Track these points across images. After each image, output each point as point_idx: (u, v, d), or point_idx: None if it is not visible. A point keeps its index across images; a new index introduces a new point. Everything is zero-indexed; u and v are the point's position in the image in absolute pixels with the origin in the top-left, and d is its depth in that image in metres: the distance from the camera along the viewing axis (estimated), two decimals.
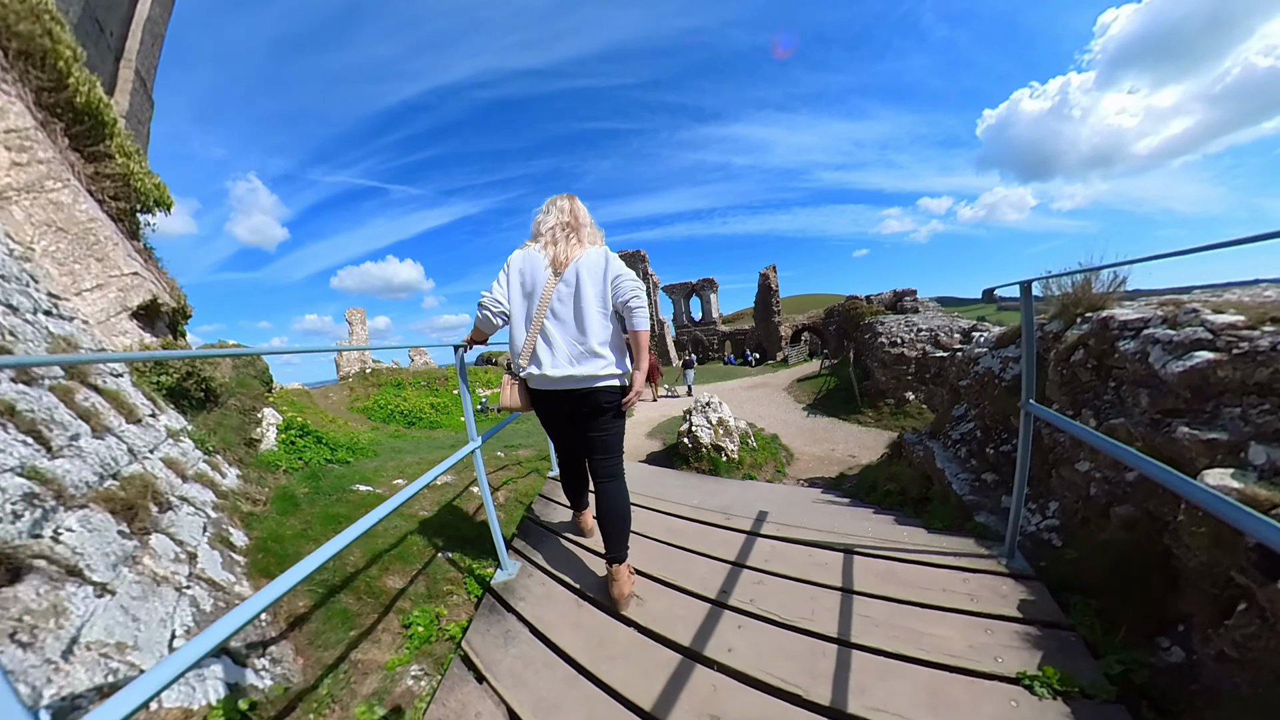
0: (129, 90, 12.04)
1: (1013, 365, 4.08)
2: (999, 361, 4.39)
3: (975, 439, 4.10)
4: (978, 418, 4.28)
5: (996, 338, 4.72)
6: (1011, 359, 4.12)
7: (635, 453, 9.30)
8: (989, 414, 4.08)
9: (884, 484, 5.79)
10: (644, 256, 36.38)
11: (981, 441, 3.99)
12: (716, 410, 7.18)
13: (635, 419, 12.89)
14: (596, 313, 1.95)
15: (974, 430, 4.24)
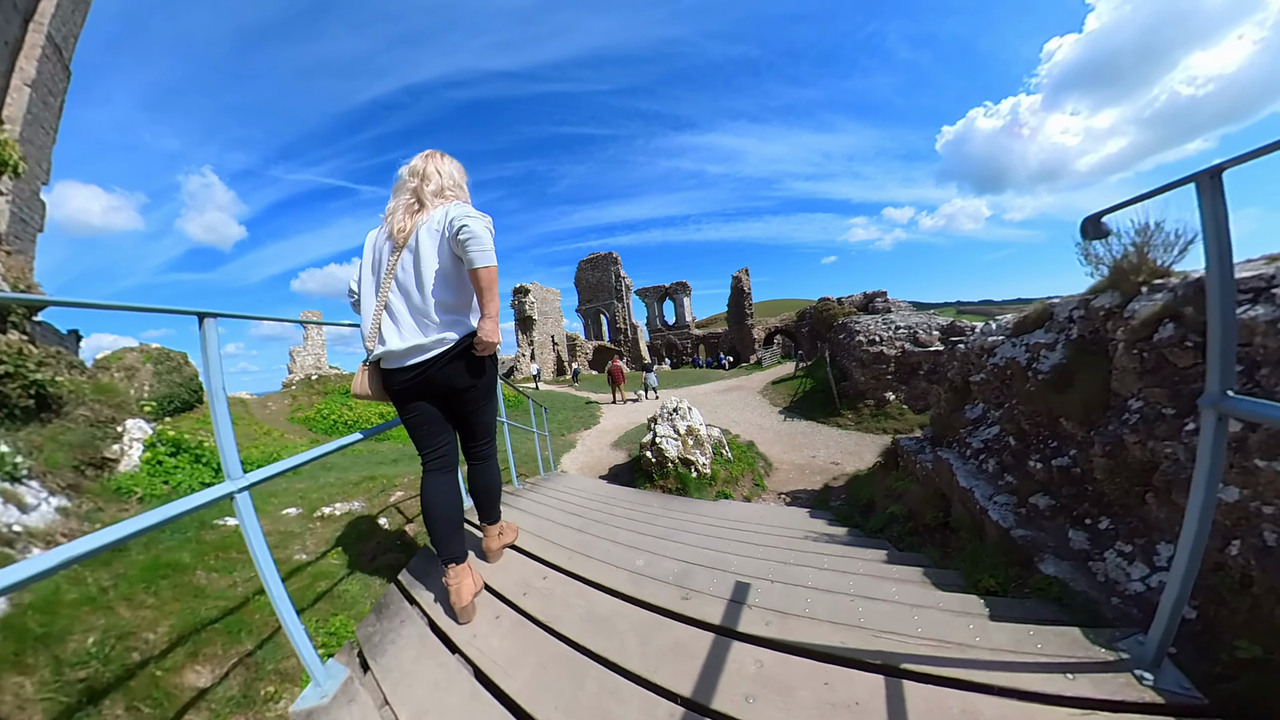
0: (37, 57, 10.44)
1: (1047, 354, 3.28)
2: (1024, 350, 3.60)
3: (1008, 448, 3.27)
4: (1006, 421, 3.46)
5: (1017, 322, 3.94)
6: (1045, 345, 3.33)
7: (597, 466, 8.26)
8: (1023, 416, 3.26)
9: (884, 503, 4.94)
10: (616, 259, 35.51)
11: (1018, 452, 3.15)
12: (685, 417, 6.22)
13: (601, 427, 11.84)
14: (439, 273, 1.74)
15: (1002, 437, 3.42)
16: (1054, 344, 3.38)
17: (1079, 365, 3.04)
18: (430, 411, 1.89)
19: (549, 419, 13.60)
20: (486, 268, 1.62)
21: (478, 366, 1.82)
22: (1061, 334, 3.40)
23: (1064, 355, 3.20)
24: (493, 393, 1.99)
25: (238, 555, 2.73)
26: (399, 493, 4.76)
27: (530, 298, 30.82)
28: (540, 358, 31.24)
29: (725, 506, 4.90)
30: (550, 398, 18.13)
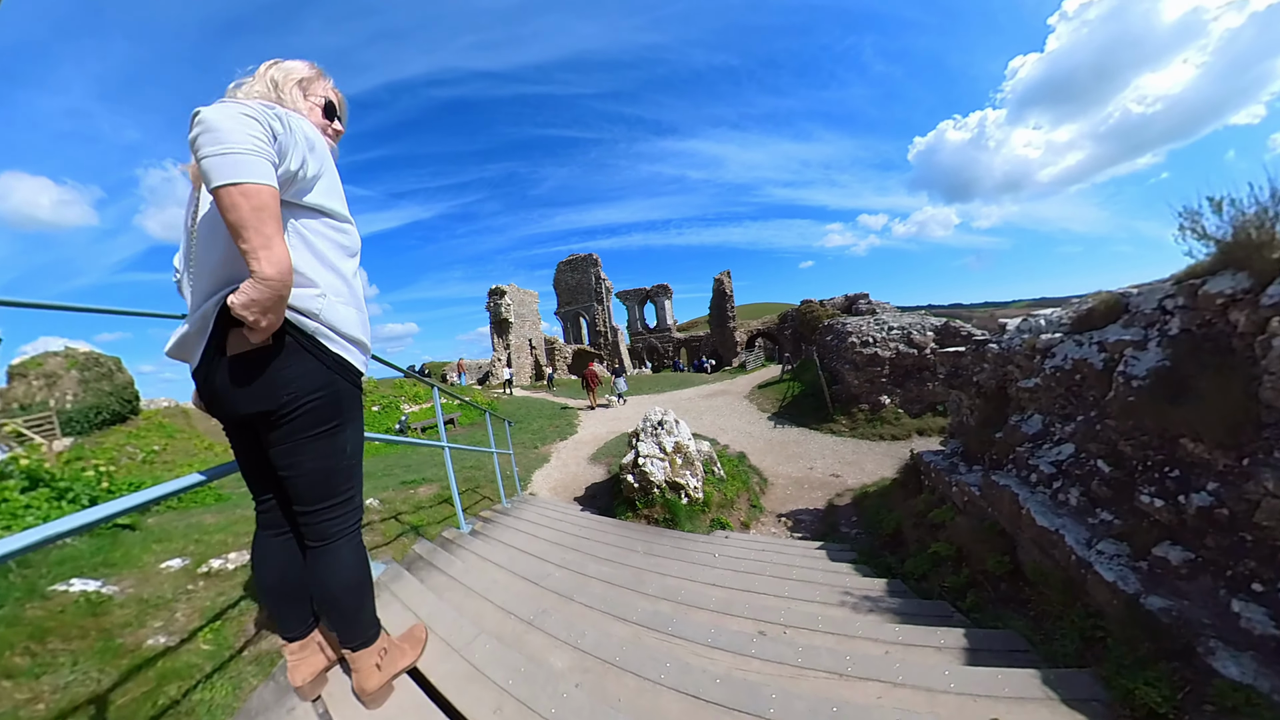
0: None
1: (1135, 355, 2.57)
2: (1096, 350, 2.89)
3: (1097, 475, 2.52)
4: (1086, 439, 2.73)
5: (1078, 317, 3.24)
6: (1130, 344, 2.61)
7: (572, 485, 7.34)
8: (1116, 433, 2.53)
9: (917, 535, 4.16)
10: (596, 260, 34.60)
11: (1118, 482, 2.41)
12: (672, 432, 5.37)
13: (579, 437, 10.90)
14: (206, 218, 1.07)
15: (1086, 460, 2.68)
16: (1143, 342, 2.67)
17: (1195, 369, 2.32)
18: (241, 443, 1.32)
19: (521, 430, 12.61)
20: (226, 186, 0.86)
21: (275, 378, 1.06)
22: (1152, 329, 2.69)
23: (1165, 356, 2.49)
24: (328, 425, 1.18)
25: (65, 646, 1.81)
26: None
27: (507, 299, 29.62)
28: (517, 362, 30.02)
29: (724, 544, 4.07)
30: (524, 405, 17.07)
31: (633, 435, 5.71)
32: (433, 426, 14.79)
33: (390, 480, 8.36)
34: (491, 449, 4.69)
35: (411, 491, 6.79)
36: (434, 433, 14.82)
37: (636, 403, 15.34)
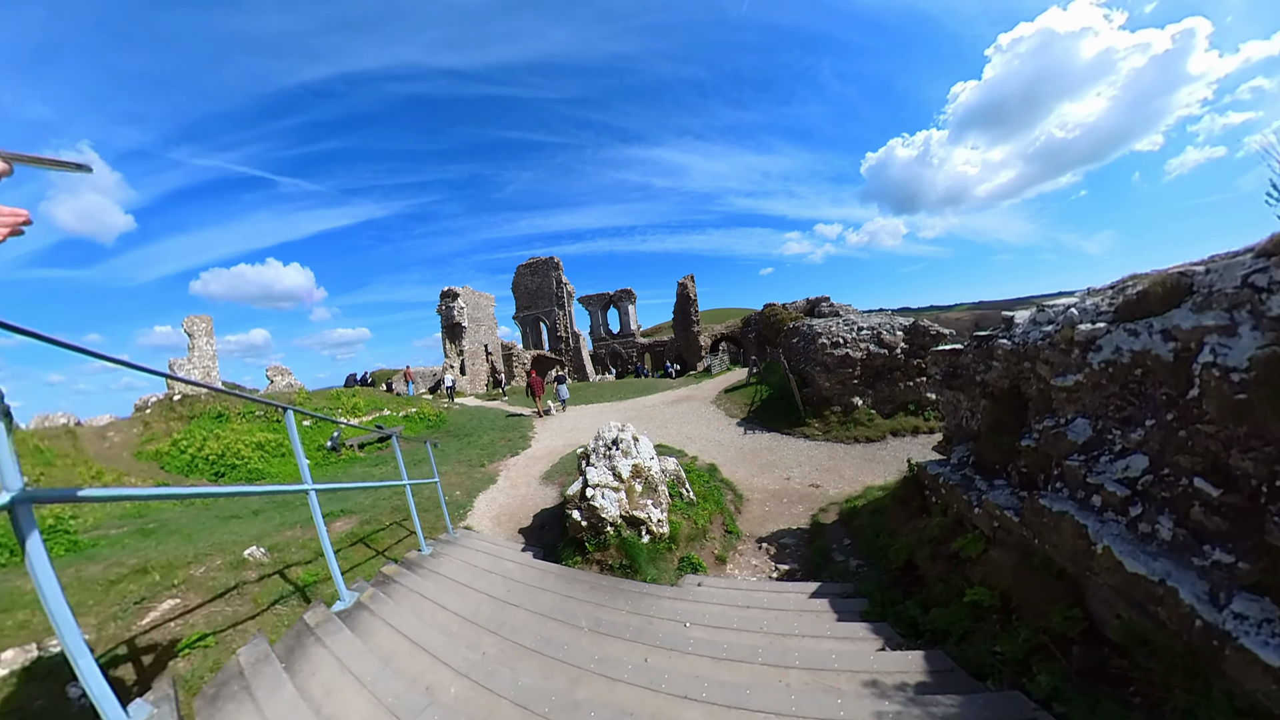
0: None
1: (1224, 342, 1.97)
2: (1161, 339, 2.29)
3: (1196, 498, 1.89)
4: (1168, 448, 2.09)
5: (1128, 302, 2.64)
6: (1214, 330, 2.01)
7: (519, 512, 6.31)
8: (1216, 442, 1.90)
9: (935, 570, 3.51)
10: (557, 264, 33.46)
11: (1233, 510, 1.78)
12: (630, 452, 4.47)
13: (531, 451, 9.84)
14: None
15: (1172, 478, 2.05)
16: (1231, 326, 2.07)
17: None
18: None
19: (469, 445, 11.30)
20: None
21: None
22: (1240, 310, 2.09)
23: (1274, 342, 1.92)
24: None
25: None
26: (167, 602, 2.86)
27: (459, 303, 27.95)
28: (472, 369, 28.35)
29: (697, 601, 3.24)
30: (475, 417, 15.73)
31: (582, 458, 4.77)
32: (371, 443, 13.25)
33: (301, 514, 7.01)
34: (404, 481, 3.68)
35: (333, 525, 5.60)
36: (373, 449, 13.28)
37: (596, 412, 14.41)
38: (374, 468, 10.27)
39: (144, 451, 12.56)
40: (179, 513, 7.39)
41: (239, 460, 11.12)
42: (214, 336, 24.81)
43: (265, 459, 11.52)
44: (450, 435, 13.38)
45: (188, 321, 24.26)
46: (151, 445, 12.96)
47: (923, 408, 9.58)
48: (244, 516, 6.78)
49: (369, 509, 6.14)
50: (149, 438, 13.58)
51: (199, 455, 11.55)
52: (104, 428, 14.63)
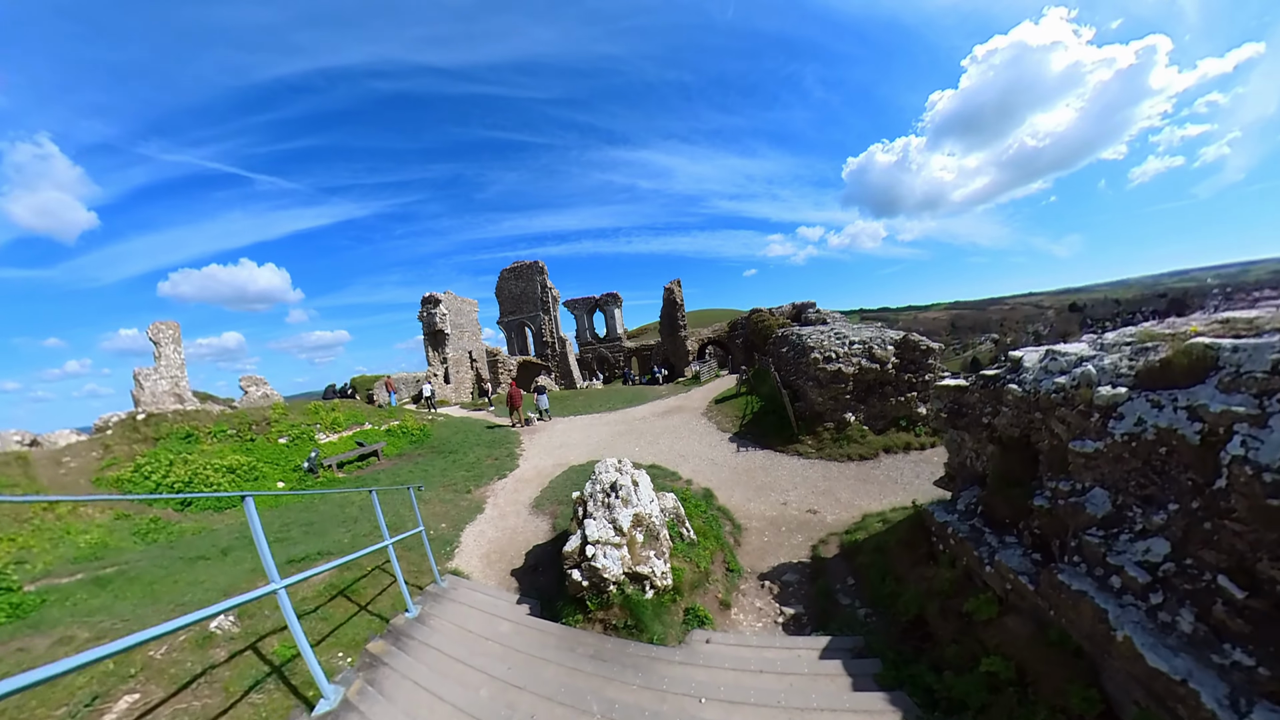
0: None
1: (1256, 435, 1.86)
2: (1186, 417, 2.16)
3: (1219, 596, 1.78)
4: (1192, 540, 1.99)
5: (1148, 368, 2.53)
6: (1244, 419, 1.88)
7: (510, 549, 6.04)
8: (1250, 544, 1.79)
9: (945, 628, 3.37)
10: (542, 268, 33.00)
11: (1263, 615, 1.68)
12: (630, 500, 4.27)
13: (519, 473, 9.55)
14: None
15: (1200, 573, 1.93)
16: (1261, 417, 1.96)
17: None
18: None
19: (455, 465, 10.87)
20: None
21: None
22: (1271, 399, 1.99)
23: None
24: None
25: None
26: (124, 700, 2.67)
27: (442, 309, 27.35)
28: (456, 377, 27.79)
29: (708, 666, 3.07)
30: (460, 430, 15.32)
31: (578, 507, 4.55)
32: (351, 462, 12.78)
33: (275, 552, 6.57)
34: (386, 541, 3.42)
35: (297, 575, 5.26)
36: (353, 467, 12.80)
37: (585, 425, 14.14)
38: (352, 493, 9.84)
39: (103, 478, 11.75)
40: (139, 554, 6.92)
41: (207, 487, 10.56)
42: (182, 344, 23.77)
43: (237, 484, 10.96)
44: (435, 452, 13.00)
45: (153, 329, 23.18)
46: (112, 470, 12.15)
47: (914, 423, 9.60)
48: (211, 557, 6.36)
49: (349, 548, 5.82)
50: (109, 462, 12.73)
51: (163, 482, 10.90)
52: (60, 451, 13.71)
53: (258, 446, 13.35)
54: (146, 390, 23.15)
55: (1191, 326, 2.84)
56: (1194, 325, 2.85)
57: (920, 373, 9.86)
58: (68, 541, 8.07)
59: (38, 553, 7.24)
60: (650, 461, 9.38)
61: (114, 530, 8.48)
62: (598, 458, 10.09)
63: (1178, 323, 3.23)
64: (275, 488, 11.01)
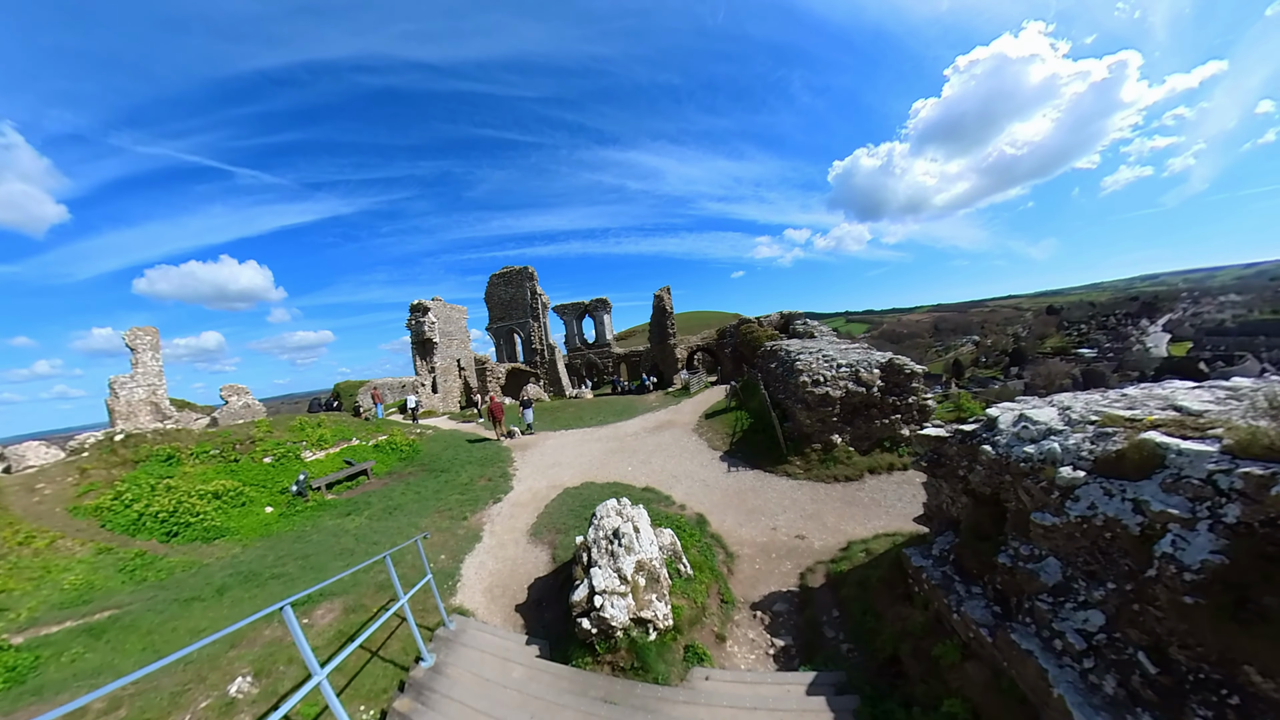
0: None
1: (1184, 536, 2.15)
2: (1131, 509, 2.44)
3: (1142, 670, 2.09)
4: (1124, 619, 2.30)
5: (1104, 459, 2.82)
6: (1179, 521, 2.19)
7: (511, 583, 6.21)
8: (1160, 627, 2.10)
9: (917, 668, 3.67)
10: (532, 274, 33.01)
11: (1167, 690, 1.98)
12: (633, 547, 4.49)
13: (514, 497, 9.69)
14: None
15: (1123, 645, 2.24)
16: (1191, 520, 2.26)
17: (1264, 585, 1.89)
18: None
19: (448, 487, 10.87)
20: None
21: None
22: (1201, 505, 2.24)
23: (1223, 550, 2.07)
24: None
25: None
26: None
27: (430, 317, 27.21)
28: (444, 386, 27.68)
29: (708, 709, 3.32)
30: (450, 445, 15.34)
31: (583, 552, 4.76)
32: (340, 482, 12.73)
33: (273, 590, 6.56)
34: (400, 600, 3.58)
35: (303, 621, 5.31)
36: (342, 488, 12.75)
37: (577, 441, 14.30)
38: (344, 518, 9.87)
39: (81, 506, 11.30)
40: (129, 595, 6.86)
41: (193, 516, 10.37)
42: (160, 351, 23.24)
43: (224, 511, 10.82)
44: (426, 470, 13.03)
45: (130, 335, 22.62)
46: (90, 498, 11.72)
47: (897, 444, 10.01)
48: (206, 598, 6.36)
49: (350, 587, 5.92)
50: (86, 488, 12.28)
51: (146, 511, 10.56)
52: (32, 476, 13.26)
53: (242, 468, 13.15)
54: (122, 399, 22.58)
55: (1149, 418, 3.13)
56: (1151, 417, 3.14)
57: (904, 395, 10.27)
58: (50, 582, 7.77)
59: (19, 596, 7.03)
60: (644, 484, 9.61)
61: (98, 567, 8.31)
62: (591, 479, 10.30)
63: (1151, 401, 3.52)
64: (263, 514, 10.94)
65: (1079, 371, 65.68)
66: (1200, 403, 3.10)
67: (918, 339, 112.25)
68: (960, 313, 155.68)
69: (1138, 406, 3.43)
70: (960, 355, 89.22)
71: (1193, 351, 71.97)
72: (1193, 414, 2.97)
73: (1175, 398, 3.39)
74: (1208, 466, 2.24)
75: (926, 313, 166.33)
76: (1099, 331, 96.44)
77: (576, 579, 4.47)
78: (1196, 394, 3.44)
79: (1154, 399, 3.57)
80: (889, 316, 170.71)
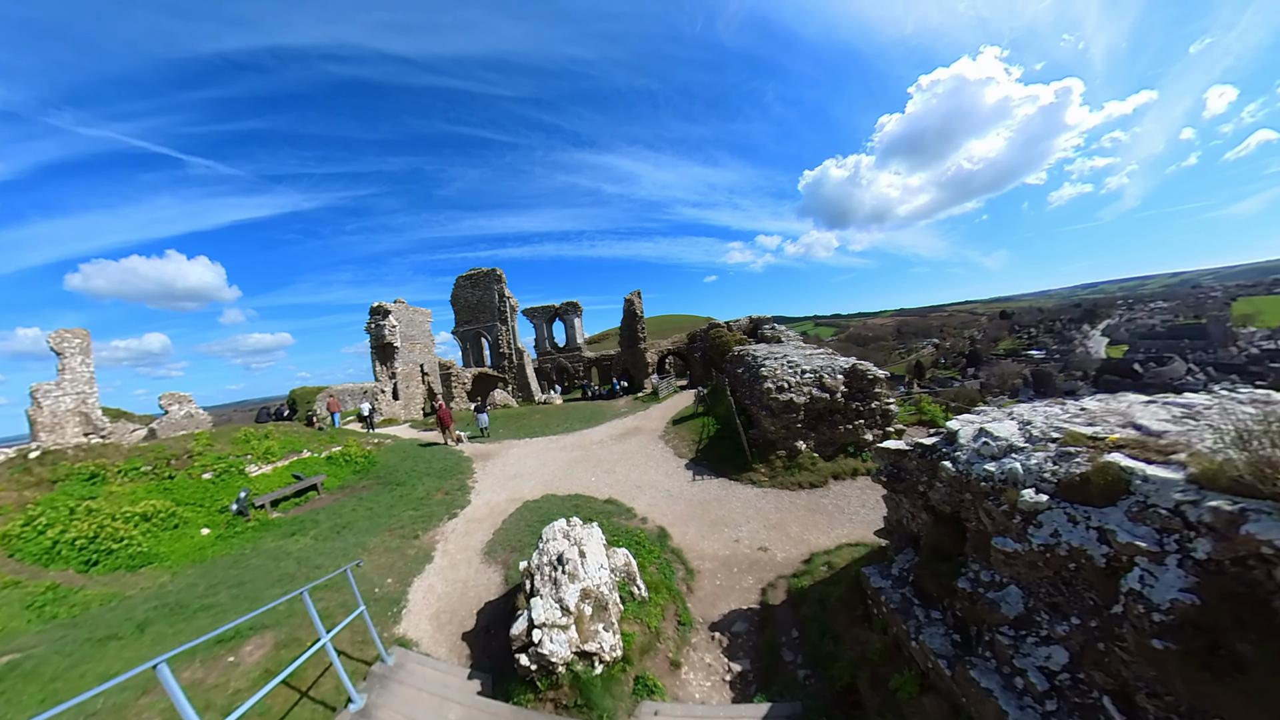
0: None
1: (1152, 571, 2.04)
2: (1096, 538, 2.35)
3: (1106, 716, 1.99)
4: (1088, 658, 2.20)
5: (1067, 481, 2.72)
6: (1145, 554, 2.08)
7: (461, 608, 5.77)
8: (1127, 670, 2.00)
9: (875, 701, 3.51)
10: (500, 276, 32.21)
11: None
12: (577, 574, 4.16)
13: (470, 511, 9.21)
14: None
15: (1089, 690, 2.14)
16: (1160, 554, 2.14)
17: (1236, 630, 1.78)
18: None
19: (403, 501, 10.25)
20: None
21: None
22: (1169, 537, 2.09)
23: (1194, 589, 1.95)
24: None
25: None
26: None
27: (391, 320, 26.14)
28: (406, 392, 26.62)
29: None
30: (409, 456, 14.63)
31: (525, 575, 4.43)
32: (288, 499, 11.89)
33: (202, 622, 5.93)
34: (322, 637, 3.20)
35: (228, 659, 4.78)
36: (289, 505, 11.92)
37: (541, 450, 13.88)
38: (288, 538, 9.17)
39: None
40: (34, 636, 6.10)
41: (117, 542, 9.38)
42: (91, 355, 21.35)
43: (153, 535, 9.85)
44: (381, 483, 12.34)
45: (56, 337, 20.70)
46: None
47: (860, 449, 10.08)
48: (125, 635, 5.70)
49: (285, 618, 5.41)
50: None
51: (62, 538, 9.44)
52: None
53: (178, 485, 12.11)
54: (45, 410, 20.58)
55: (1111, 436, 3.05)
56: (1114, 435, 3.06)
57: (867, 400, 10.36)
58: None
59: None
60: (607, 495, 9.33)
61: (1, 604, 7.42)
62: (553, 491, 9.94)
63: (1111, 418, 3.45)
64: (198, 536, 10.06)
65: (1029, 372, 69.47)
66: (1159, 421, 3.05)
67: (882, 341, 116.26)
68: (921, 317, 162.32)
69: (1097, 423, 3.39)
70: (921, 357, 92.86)
71: (1128, 354, 77.57)
72: (1153, 434, 2.90)
73: (1133, 414, 3.35)
74: (1175, 495, 2.14)
75: (890, 317, 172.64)
76: (1046, 335, 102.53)
77: (518, 609, 4.15)
78: (1153, 411, 3.42)
79: (1113, 414, 3.53)
80: (855, 320, 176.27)
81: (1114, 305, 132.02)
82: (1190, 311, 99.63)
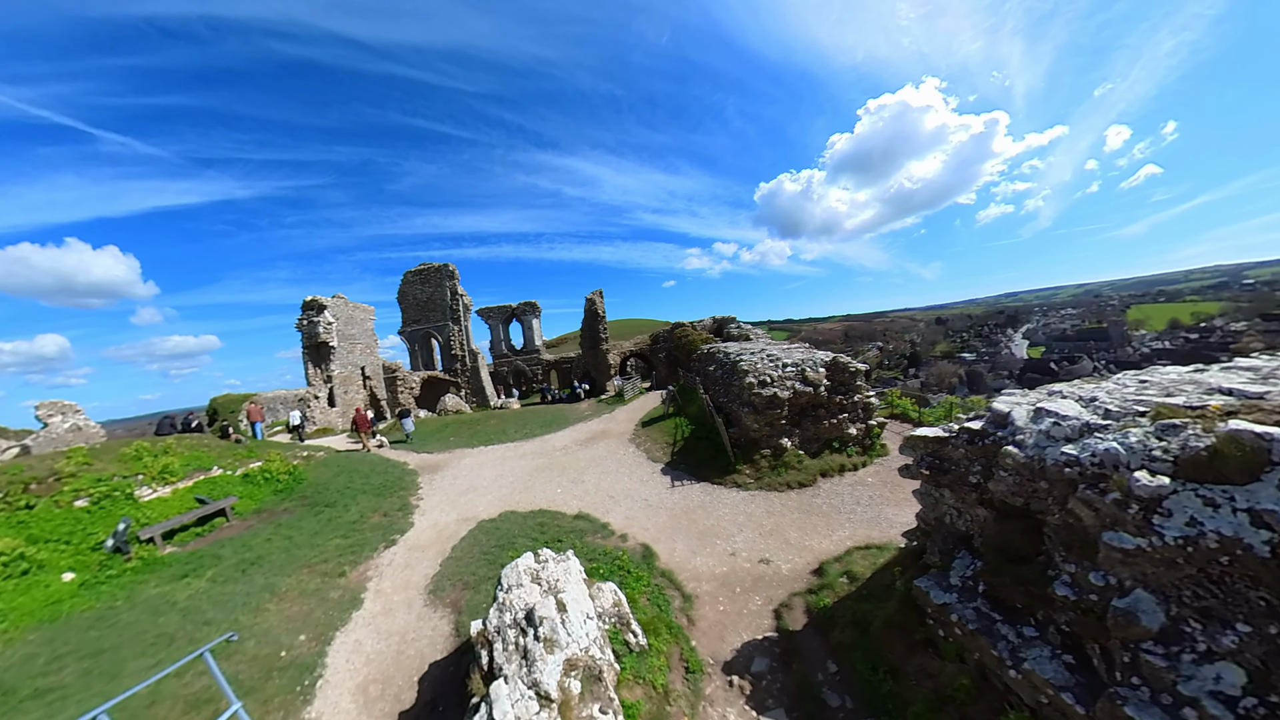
0: None
1: None
2: (1250, 524, 1.61)
3: None
4: None
5: (1194, 460, 1.98)
6: None
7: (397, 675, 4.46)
8: None
9: None
10: (453, 272, 30.05)
11: None
12: (556, 637, 2.96)
13: (413, 537, 7.76)
14: None
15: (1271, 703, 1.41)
16: None
17: None
18: None
19: (331, 526, 8.43)
20: None
21: None
22: None
23: None
24: None
25: None
26: None
27: (327, 316, 23.55)
28: (345, 399, 24.04)
29: None
30: (342, 470, 12.75)
31: (480, 641, 3.22)
32: (187, 528, 9.83)
33: None
34: None
35: None
36: (189, 537, 9.83)
37: (497, 460, 12.48)
38: (178, 582, 7.32)
39: None
40: None
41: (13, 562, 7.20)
42: None
43: None
44: (306, 504, 10.50)
45: None
46: None
47: (845, 444, 9.56)
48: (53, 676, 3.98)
49: (149, 705, 3.93)
50: None
51: None
52: None
53: (37, 517, 9.69)
54: None
55: (1214, 404, 2.41)
56: (1215, 403, 2.42)
57: (850, 394, 9.87)
58: None
59: None
60: (577, 510, 8.20)
61: None
62: (513, 507, 8.68)
63: (1186, 386, 2.86)
64: (57, 584, 7.93)
65: (963, 371, 74.49)
66: (1242, 384, 2.52)
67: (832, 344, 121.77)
68: (866, 322, 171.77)
69: (1174, 393, 2.77)
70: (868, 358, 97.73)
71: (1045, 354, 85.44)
72: (1251, 397, 2.35)
73: (1210, 380, 2.79)
74: None
75: (839, 322, 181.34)
76: (976, 339, 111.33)
77: (473, 693, 2.97)
78: (1228, 376, 2.89)
79: (1186, 383, 2.97)
80: (806, 324, 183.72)
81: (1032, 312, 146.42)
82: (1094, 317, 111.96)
